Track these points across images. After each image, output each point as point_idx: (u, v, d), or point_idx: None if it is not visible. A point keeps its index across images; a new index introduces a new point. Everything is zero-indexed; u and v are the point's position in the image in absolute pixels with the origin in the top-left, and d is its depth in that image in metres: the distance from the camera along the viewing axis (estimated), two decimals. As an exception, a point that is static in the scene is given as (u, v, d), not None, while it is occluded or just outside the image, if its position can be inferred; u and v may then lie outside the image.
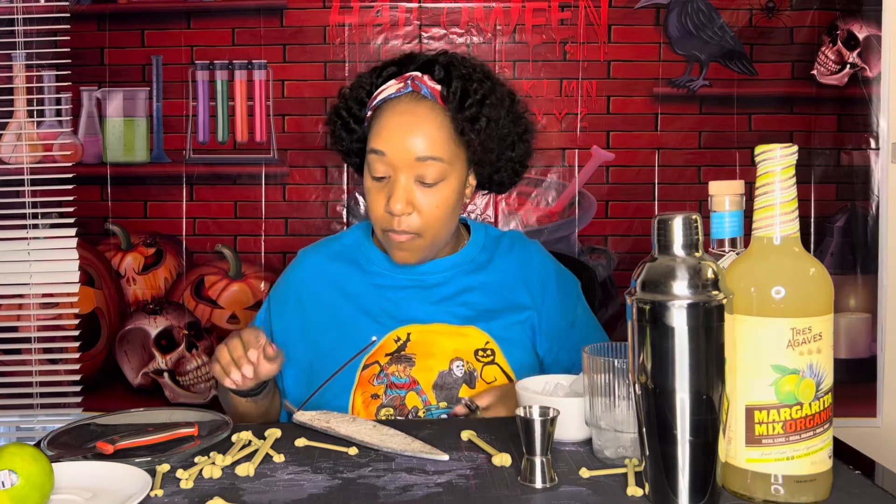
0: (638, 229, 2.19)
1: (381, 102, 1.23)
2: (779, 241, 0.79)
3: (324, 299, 1.30)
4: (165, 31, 2.19)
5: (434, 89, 1.21)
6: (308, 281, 1.33)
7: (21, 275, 2.23)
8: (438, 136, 1.20)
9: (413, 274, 1.29)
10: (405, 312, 1.26)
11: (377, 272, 1.31)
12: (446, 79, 1.22)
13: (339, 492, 0.85)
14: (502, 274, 1.31)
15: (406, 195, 1.19)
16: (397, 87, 1.22)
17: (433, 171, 1.19)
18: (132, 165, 2.22)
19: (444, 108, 1.21)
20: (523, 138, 1.30)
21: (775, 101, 2.19)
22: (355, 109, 1.28)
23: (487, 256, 1.32)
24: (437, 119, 1.20)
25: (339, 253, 1.35)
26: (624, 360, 0.88)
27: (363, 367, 1.22)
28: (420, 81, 1.22)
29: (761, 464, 0.79)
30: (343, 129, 1.30)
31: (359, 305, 1.28)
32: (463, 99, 1.21)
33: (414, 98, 1.21)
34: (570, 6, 2.17)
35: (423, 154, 1.18)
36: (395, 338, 1.24)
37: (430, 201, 1.20)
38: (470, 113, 1.21)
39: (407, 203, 1.18)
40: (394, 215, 1.19)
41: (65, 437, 1.02)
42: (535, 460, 0.85)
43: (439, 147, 1.19)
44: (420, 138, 1.18)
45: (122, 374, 2.24)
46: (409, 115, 1.20)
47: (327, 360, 1.22)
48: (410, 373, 1.21)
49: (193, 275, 2.22)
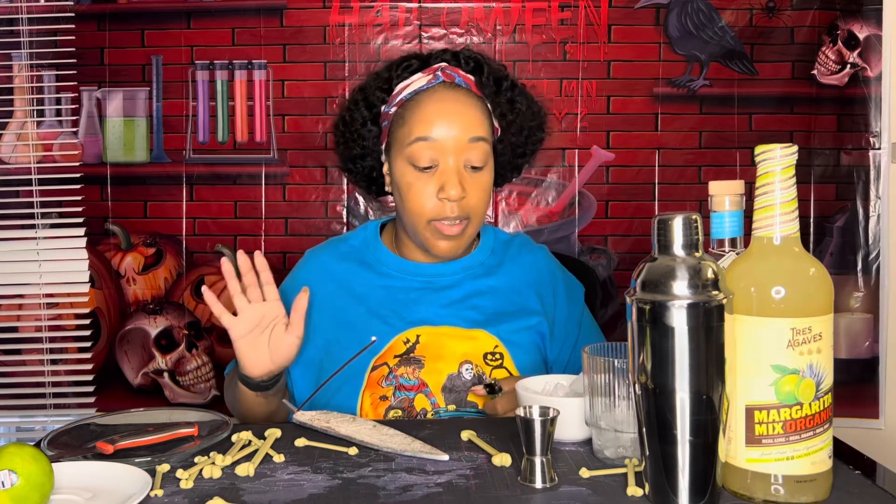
0: (638, 229, 2.19)
1: (410, 95, 1.23)
2: (779, 241, 0.79)
3: (332, 300, 1.29)
4: (165, 31, 2.19)
5: (467, 78, 1.24)
6: (316, 282, 1.31)
7: (30, 275, 2.23)
8: (481, 119, 1.22)
9: (424, 276, 1.29)
10: (414, 314, 1.26)
11: (387, 273, 1.30)
12: (477, 69, 1.26)
13: (339, 492, 0.85)
14: (512, 278, 1.31)
15: (460, 179, 1.19)
16: (427, 79, 1.23)
17: (481, 153, 1.21)
18: (132, 165, 2.22)
19: (480, 96, 1.24)
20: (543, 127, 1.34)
21: (775, 101, 2.19)
22: (377, 106, 1.27)
23: (497, 260, 1.32)
24: (476, 104, 1.23)
25: (347, 254, 1.34)
26: (624, 360, 0.88)
27: (372, 369, 1.22)
28: (452, 71, 1.23)
29: (761, 464, 0.78)
30: (364, 128, 1.28)
31: (368, 307, 1.27)
32: (498, 84, 1.25)
33: (448, 87, 1.23)
34: (570, 6, 2.17)
35: (473, 134, 1.20)
36: (405, 339, 1.23)
37: (478, 185, 1.21)
38: (507, 97, 1.26)
39: (461, 188, 1.19)
40: (450, 201, 1.18)
41: (65, 437, 1.02)
42: (535, 460, 0.85)
43: (484, 129, 1.22)
44: (467, 120, 1.20)
45: (122, 374, 2.25)
46: (451, 102, 1.21)
47: (338, 361, 1.21)
48: (419, 375, 1.20)
49: (193, 275, 2.22)
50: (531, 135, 1.32)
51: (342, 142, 1.32)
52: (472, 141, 1.19)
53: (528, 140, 1.32)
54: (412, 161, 1.20)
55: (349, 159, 1.32)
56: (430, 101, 1.21)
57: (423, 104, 1.21)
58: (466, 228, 1.22)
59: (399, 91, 1.24)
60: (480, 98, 1.24)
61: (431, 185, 1.20)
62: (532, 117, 1.31)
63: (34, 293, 2.23)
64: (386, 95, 1.26)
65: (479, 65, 1.26)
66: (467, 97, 1.22)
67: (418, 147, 1.19)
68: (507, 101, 1.26)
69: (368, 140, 1.28)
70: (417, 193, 1.21)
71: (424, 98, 1.22)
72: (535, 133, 1.32)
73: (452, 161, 1.19)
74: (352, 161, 1.32)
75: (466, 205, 1.20)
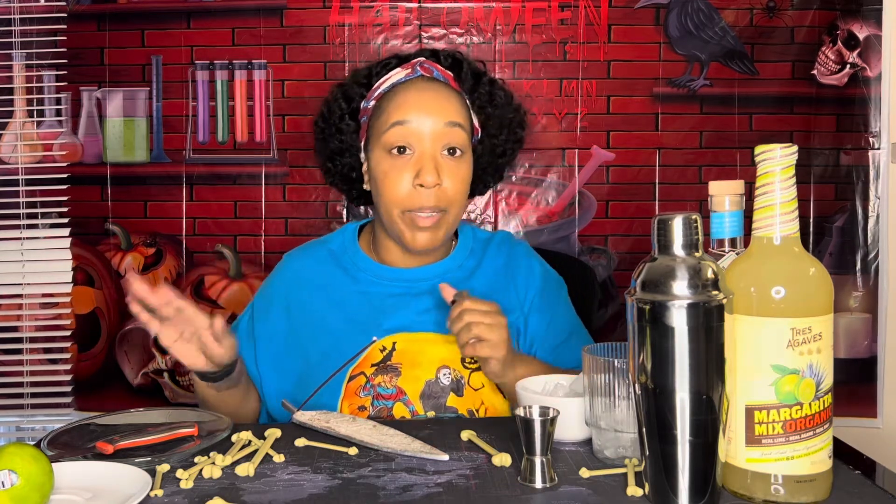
0: (638, 229, 2.19)
1: (389, 88, 1.23)
2: (779, 241, 0.79)
3: (311, 306, 1.27)
4: (165, 31, 2.19)
5: (445, 73, 1.24)
6: (294, 287, 1.29)
7: (14, 275, 2.23)
8: (460, 109, 1.22)
9: (401, 282, 1.27)
10: (391, 321, 1.24)
11: (365, 279, 1.28)
12: (455, 64, 1.26)
13: (339, 492, 0.85)
14: (490, 279, 1.29)
15: (435, 165, 1.18)
16: (405, 73, 1.23)
17: (458, 138, 1.20)
18: (132, 165, 2.22)
19: (458, 91, 1.24)
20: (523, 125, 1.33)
21: (776, 101, 2.19)
22: (356, 101, 1.27)
23: (476, 261, 1.31)
24: (454, 96, 1.23)
25: (326, 257, 1.32)
26: (624, 360, 0.88)
27: (349, 379, 1.20)
28: (430, 65, 1.24)
29: (761, 464, 0.79)
30: (342, 122, 1.27)
31: (346, 314, 1.25)
32: (476, 79, 1.26)
33: (426, 80, 1.23)
34: (570, 6, 2.17)
35: (451, 119, 1.19)
36: (381, 347, 1.21)
37: (455, 174, 1.20)
38: (485, 91, 1.26)
39: (437, 174, 1.17)
40: (426, 188, 1.17)
41: (65, 437, 1.02)
42: (535, 460, 0.85)
43: (462, 117, 1.22)
44: (445, 106, 1.20)
45: (121, 374, 2.25)
46: (428, 91, 1.21)
47: (317, 369, 1.20)
48: (397, 383, 1.18)
49: (193, 275, 2.22)
50: (511, 132, 1.31)
51: (321, 137, 1.32)
52: (448, 125, 1.19)
53: (509, 138, 1.31)
54: (388, 147, 1.19)
55: (327, 156, 1.31)
56: (407, 91, 1.21)
57: (400, 94, 1.21)
58: (442, 221, 1.20)
59: (378, 86, 1.24)
60: (459, 93, 1.24)
61: (407, 173, 1.18)
62: (512, 112, 1.30)
63: (18, 293, 2.23)
64: (365, 91, 1.26)
65: (457, 61, 1.27)
66: (445, 89, 1.23)
67: (394, 132, 1.19)
68: (485, 93, 1.26)
69: (346, 135, 1.28)
70: (393, 181, 1.19)
71: (401, 90, 1.22)
72: (515, 130, 1.32)
73: (429, 146, 1.18)
74: (330, 158, 1.31)
75: (443, 194, 1.18)
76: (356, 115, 1.27)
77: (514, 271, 1.31)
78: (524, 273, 1.31)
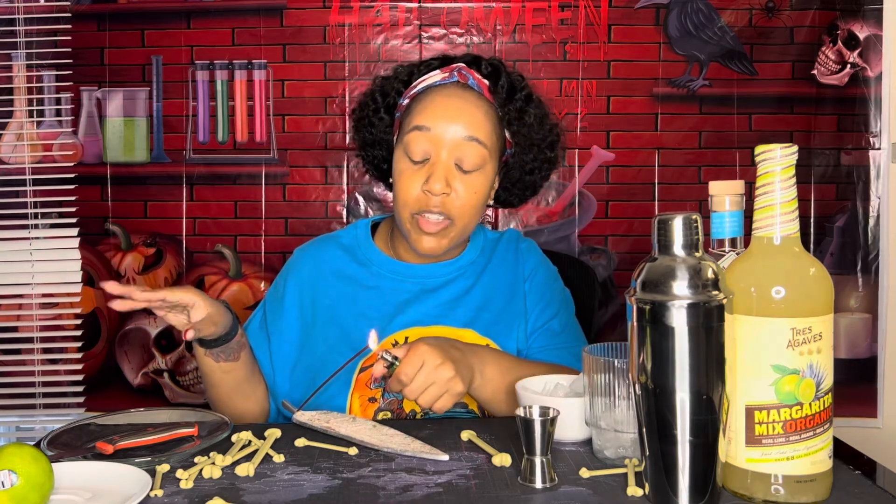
0: (638, 229, 2.19)
1: (423, 89, 1.24)
2: (779, 241, 0.79)
3: (324, 301, 1.29)
4: (165, 31, 2.19)
5: (481, 82, 1.24)
6: (307, 282, 1.31)
7: (23, 275, 2.23)
8: (485, 122, 1.21)
9: (415, 278, 1.28)
10: (405, 315, 1.26)
11: (378, 273, 1.30)
12: (493, 74, 1.25)
13: (339, 492, 0.85)
14: (499, 277, 1.31)
15: (446, 175, 1.18)
16: (442, 76, 1.23)
17: (474, 156, 1.19)
18: (132, 165, 2.22)
19: (491, 102, 1.24)
20: (554, 147, 1.32)
21: (775, 101, 2.19)
22: (392, 97, 1.28)
23: (486, 259, 1.33)
24: (483, 108, 1.22)
25: (338, 251, 1.33)
26: (624, 360, 0.88)
27: (360, 371, 1.21)
28: (467, 72, 1.24)
29: (761, 464, 0.78)
30: (375, 116, 1.29)
31: (357, 309, 1.27)
32: (510, 93, 1.24)
33: (460, 87, 1.23)
34: (570, 6, 2.17)
35: (470, 134, 1.19)
36: (393, 342, 1.23)
37: (466, 186, 1.20)
38: (517, 106, 1.24)
39: (446, 183, 1.18)
40: (432, 194, 1.18)
41: (65, 437, 1.02)
42: (535, 460, 0.85)
43: (485, 132, 1.21)
44: (468, 119, 1.20)
45: (122, 374, 2.25)
46: (457, 99, 1.21)
47: (326, 363, 1.21)
48: None
49: (193, 275, 2.22)
50: (540, 151, 1.30)
51: (356, 126, 1.34)
52: (467, 139, 1.19)
53: (537, 157, 1.30)
54: (407, 150, 1.21)
55: (360, 145, 1.34)
56: (437, 95, 1.22)
57: (429, 98, 1.22)
58: (448, 230, 1.21)
59: (415, 85, 1.25)
60: (491, 105, 1.24)
61: (420, 176, 1.19)
62: (543, 131, 1.29)
63: (27, 293, 2.23)
64: (403, 87, 1.27)
65: (496, 71, 1.26)
66: (477, 99, 1.22)
67: (414, 136, 1.20)
68: (516, 109, 1.25)
69: (378, 128, 1.29)
70: (406, 182, 1.21)
71: (433, 93, 1.22)
72: (545, 151, 1.30)
73: (445, 155, 1.19)
74: (362, 147, 1.34)
75: (451, 204, 1.19)
76: (392, 109, 1.29)
77: (519, 270, 1.33)
78: (528, 271, 1.33)
